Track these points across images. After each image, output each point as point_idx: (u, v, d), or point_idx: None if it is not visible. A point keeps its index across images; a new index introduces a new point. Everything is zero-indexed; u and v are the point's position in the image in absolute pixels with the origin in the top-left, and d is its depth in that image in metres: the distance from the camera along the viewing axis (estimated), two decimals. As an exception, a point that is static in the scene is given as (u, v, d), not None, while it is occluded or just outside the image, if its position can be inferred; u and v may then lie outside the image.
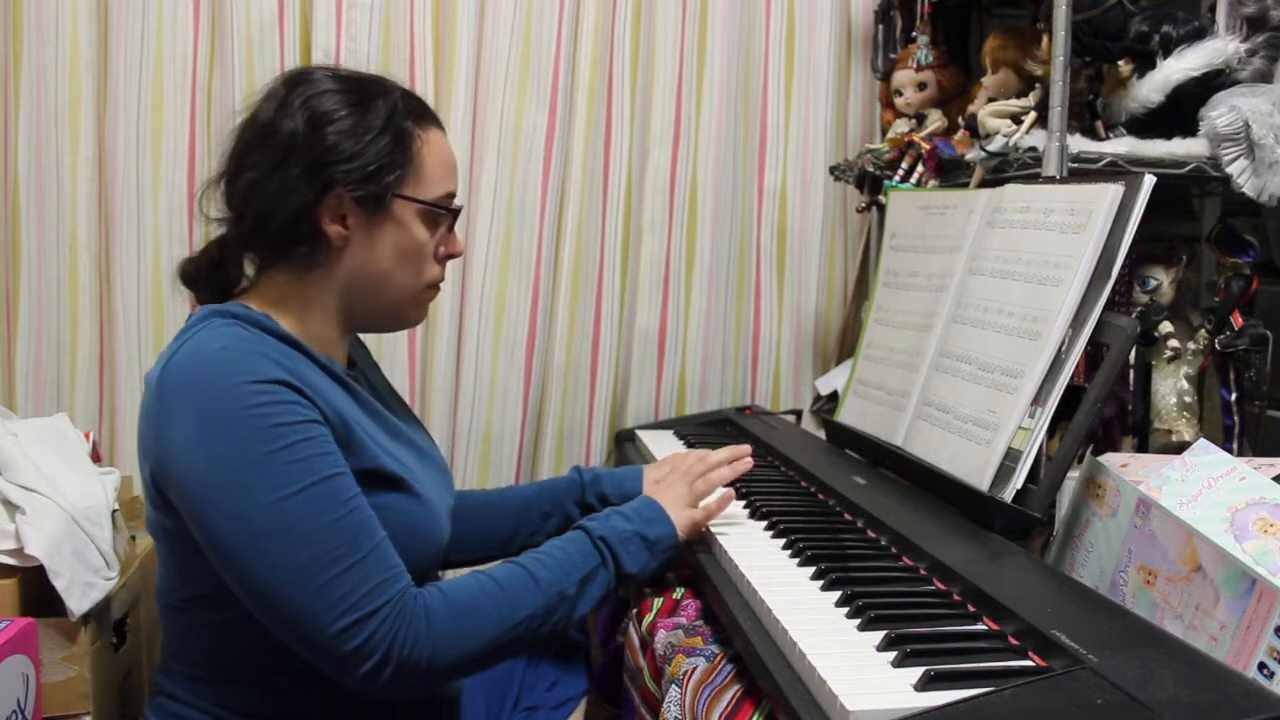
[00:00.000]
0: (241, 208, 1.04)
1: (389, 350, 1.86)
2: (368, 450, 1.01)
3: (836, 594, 0.95)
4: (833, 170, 1.97)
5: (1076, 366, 1.12)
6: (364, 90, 1.06)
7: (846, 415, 1.55)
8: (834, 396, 1.93)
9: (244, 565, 0.91)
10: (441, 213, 1.09)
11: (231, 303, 1.05)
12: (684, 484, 1.19)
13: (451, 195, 1.11)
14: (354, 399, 1.06)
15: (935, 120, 1.68)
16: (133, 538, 1.49)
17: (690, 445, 1.69)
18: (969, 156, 1.44)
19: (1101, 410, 1.19)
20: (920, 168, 1.58)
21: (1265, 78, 1.38)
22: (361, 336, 1.23)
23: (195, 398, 0.93)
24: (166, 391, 0.95)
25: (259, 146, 1.03)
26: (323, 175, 1.01)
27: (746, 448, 1.29)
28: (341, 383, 1.06)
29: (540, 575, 1.01)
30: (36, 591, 1.22)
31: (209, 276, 1.10)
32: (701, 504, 1.18)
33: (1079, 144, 1.32)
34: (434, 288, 1.12)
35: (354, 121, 1.03)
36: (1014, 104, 1.42)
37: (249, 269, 1.10)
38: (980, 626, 0.89)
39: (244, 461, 0.91)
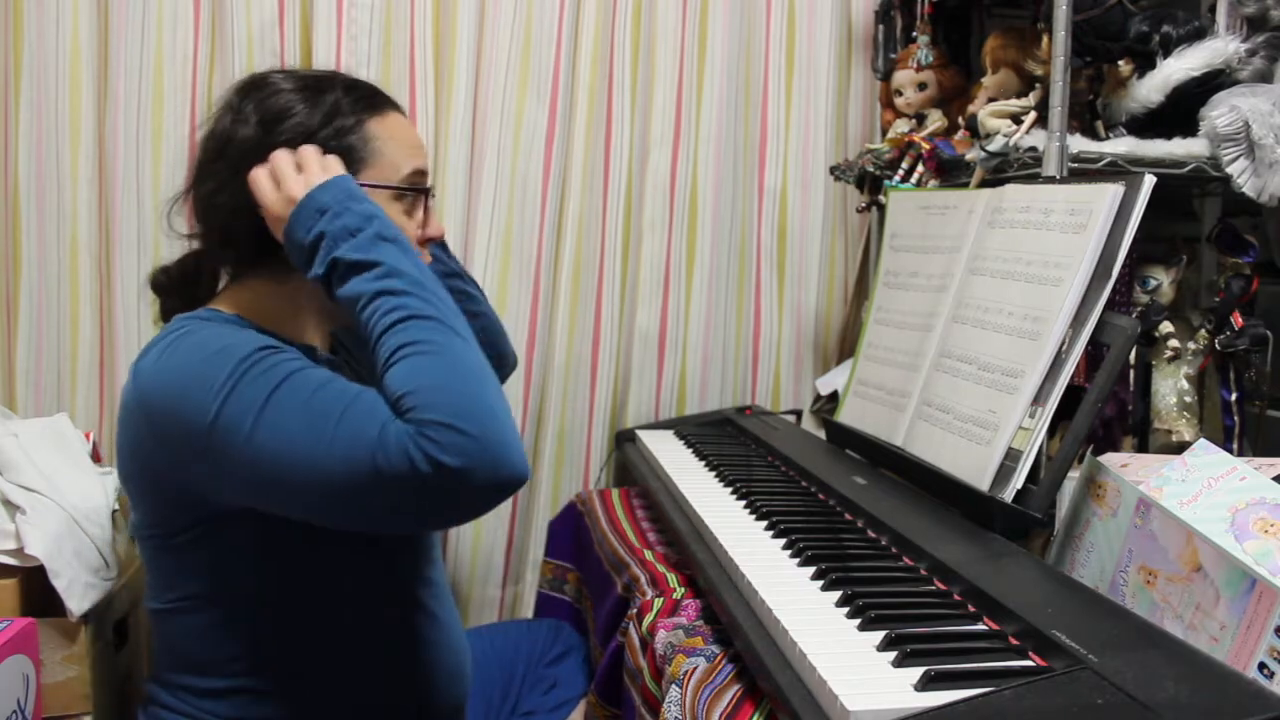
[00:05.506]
0: (207, 221, 1.03)
1: (389, 350, 1.86)
2: None
3: (837, 594, 0.95)
4: (833, 170, 1.96)
5: (1077, 366, 1.12)
6: (315, 86, 1.03)
7: (847, 415, 1.55)
8: (834, 396, 1.93)
9: (264, 476, 0.88)
10: (409, 193, 1.06)
11: (202, 309, 1.04)
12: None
13: (420, 174, 1.07)
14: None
15: (935, 120, 1.68)
16: (133, 538, 1.48)
17: (690, 445, 1.69)
18: (969, 156, 1.44)
19: (1101, 410, 1.19)
20: (920, 168, 1.58)
21: (1265, 78, 1.38)
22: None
23: (171, 370, 0.92)
24: (139, 384, 0.94)
25: (216, 158, 1.01)
26: None
27: None
28: (328, 364, 1.04)
29: (426, 311, 0.92)
30: (36, 591, 1.23)
31: (180, 288, 1.09)
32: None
33: (1079, 144, 1.32)
34: None
35: (301, 119, 1.00)
36: (1014, 104, 1.42)
37: (223, 280, 1.09)
38: (980, 626, 0.89)
39: (222, 393, 0.88)
